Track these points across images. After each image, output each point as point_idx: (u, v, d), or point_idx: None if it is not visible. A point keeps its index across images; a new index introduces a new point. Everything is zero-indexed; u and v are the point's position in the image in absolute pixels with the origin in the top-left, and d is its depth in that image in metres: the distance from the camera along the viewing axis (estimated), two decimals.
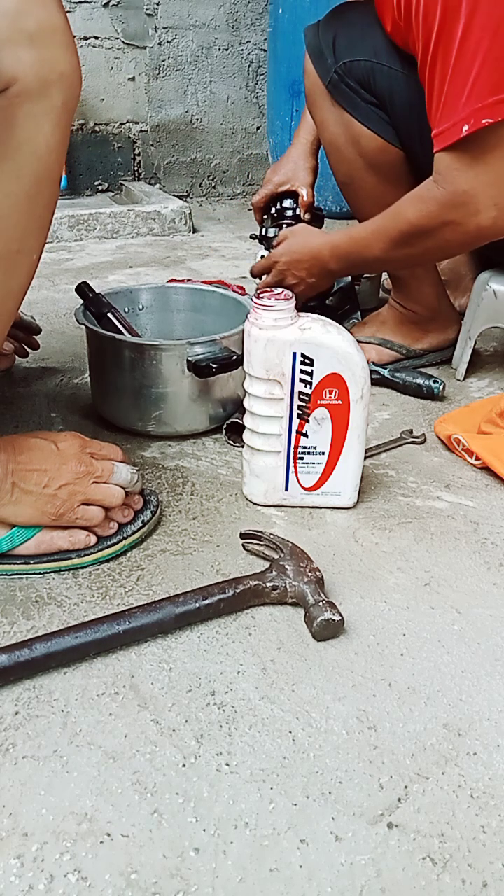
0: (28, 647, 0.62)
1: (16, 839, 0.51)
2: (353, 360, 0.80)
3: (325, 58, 1.13)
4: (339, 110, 1.14)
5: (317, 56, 1.14)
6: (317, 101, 1.17)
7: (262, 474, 0.87)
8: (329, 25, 1.14)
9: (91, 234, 2.24)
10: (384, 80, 1.08)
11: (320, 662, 0.66)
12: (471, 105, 0.90)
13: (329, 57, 1.12)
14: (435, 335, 1.28)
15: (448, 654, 0.67)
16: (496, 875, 0.49)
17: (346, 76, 1.11)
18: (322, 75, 1.14)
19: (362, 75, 1.10)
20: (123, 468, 0.78)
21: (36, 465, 0.72)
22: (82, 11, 2.60)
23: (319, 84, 1.15)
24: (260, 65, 2.88)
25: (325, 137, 1.20)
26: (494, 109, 0.89)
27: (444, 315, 1.28)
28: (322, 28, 1.14)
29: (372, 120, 1.11)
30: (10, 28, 0.56)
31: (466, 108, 0.90)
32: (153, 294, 1.19)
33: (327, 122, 1.17)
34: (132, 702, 0.61)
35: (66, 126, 0.63)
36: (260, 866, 0.49)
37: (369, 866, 0.49)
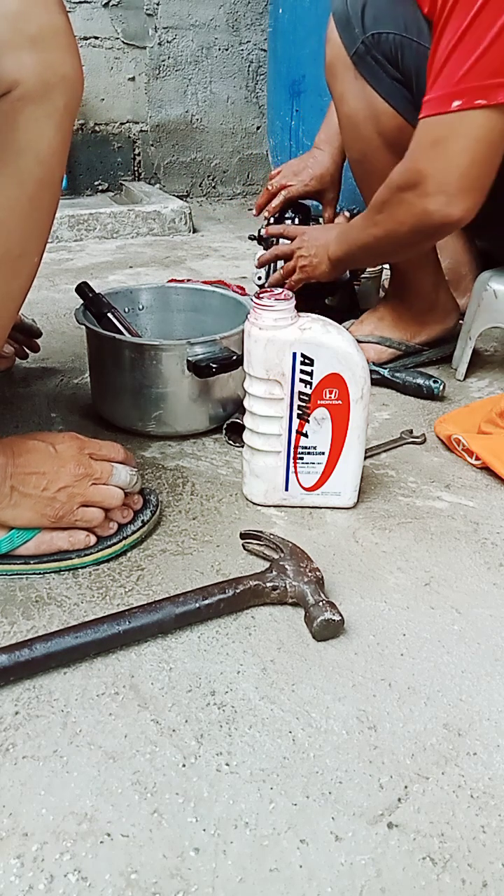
0: (28, 647, 0.63)
1: (16, 839, 0.51)
2: (353, 360, 0.80)
3: (353, 27, 1.06)
4: (361, 83, 1.09)
5: (344, 24, 1.08)
6: (338, 73, 1.12)
7: (262, 474, 0.87)
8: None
9: (91, 234, 2.25)
10: (412, 56, 1.04)
11: (320, 662, 0.66)
12: (469, 81, 0.87)
13: (357, 26, 1.06)
14: (433, 327, 1.26)
15: (448, 654, 0.67)
16: (496, 875, 0.49)
17: (374, 48, 1.06)
18: (348, 45, 1.08)
19: (390, 49, 1.05)
20: (122, 469, 0.78)
21: (34, 468, 0.72)
22: (82, 11, 2.60)
23: (343, 54, 1.09)
24: (260, 65, 2.88)
25: (343, 111, 1.15)
26: (491, 92, 0.87)
27: (443, 305, 1.26)
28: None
29: (395, 97, 1.07)
30: (12, 31, 0.56)
31: (463, 83, 0.88)
32: (153, 294, 1.19)
33: (347, 94, 1.12)
34: (132, 702, 0.61)
35: (67, 129, 0.63)
36: (260, 866, 0.49)
37: (369, 866, 0.50)
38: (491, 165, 0.94)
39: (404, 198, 0.99)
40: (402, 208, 1.00)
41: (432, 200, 0.95)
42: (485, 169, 0.94)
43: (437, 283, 1.25)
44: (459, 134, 0.91)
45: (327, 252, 1.20)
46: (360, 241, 1.11)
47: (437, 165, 0.94)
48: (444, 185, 0.94)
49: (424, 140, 0.94)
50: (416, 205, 0.97)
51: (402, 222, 1.01)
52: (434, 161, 0.94)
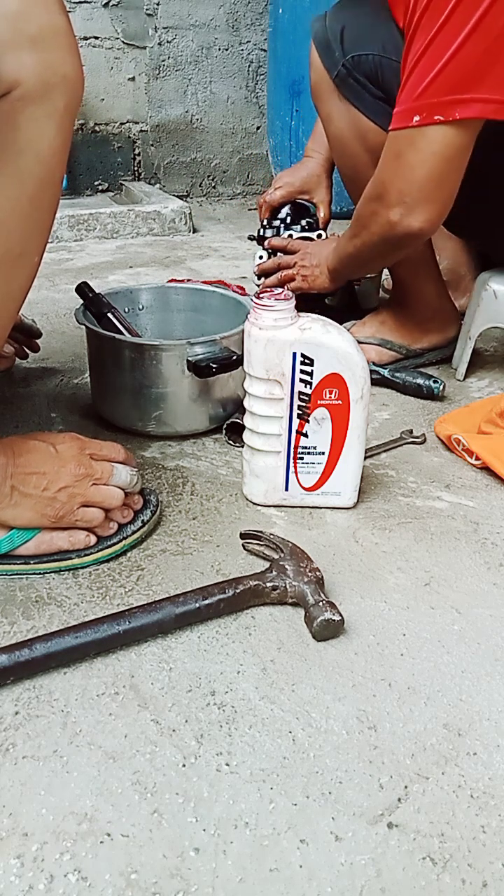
0: (28, 647, 0.63)
1: (16, 839, 0.51)
2: (353, 360, 0.80)
3: (333, 50, 1.10)
4: (346, 104, 1.12)
5: (324, 48, 1.12)
6: (323, 95, 1.16)
7: (262, 474, 0.87)
8: (337, 17, 1.12)
9: (91, 234, 2.25)
10: (392, 74, 1.05)
11: (320, 662, 0.66)
12: (428, 97, 0.89)
13: (337, 50, 1.10)
14: (435, 334, 1.27)
15: (448, 654, 0.67)
16: (496, 875, 0.49)
17: (354, 70, 1.09)
18: (329, 68, 1.12)
19: (370, 69, 1.08)
20: (123, 469, 0.78)
21: (35, 468, 0.72)
22: (82, 11, 2.60)
23: (326, 77, 1.13)
24: (260, 65, 2.88)
25: (331, 131, 1.19)
26: (447, 109, 0.89)
27: (444, 313, 1.28)
28: (329, 19, 1.12)
29: (380, 115, 1.09)
30: (12, 31, 0.56)
31: (423, 99, 0.90)
32: (153, 294, 1.19)
33: (333, 115, 1.16)
34: (132, 702, 0.61)
35: (68, 129, 0.63)
36: (260, 866, 0.49)
37: (369, 866, 0.50)
38: (449, 179, 0.96)
39: (373, 208, 1.02)
40: (372, 219, 1.03)
41: (394, 211, 0.98)
42: (443, 182, 0.96)
43: (439, 291, 1.26)
44: (418, 148, 0.93)
45: (327, 265, 1.23)
46: (346, 251, 1.15)
47: (398, 178, 0.97)
48: (403, 196, 0.97)
49: (388, 153, 0.97)
50: (382, 215, 1.00)
51: (373, 233, 1.05)
52: (395, 173, 0.97)
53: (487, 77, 0.88)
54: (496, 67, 0.87)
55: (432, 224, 0.99)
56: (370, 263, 1.18)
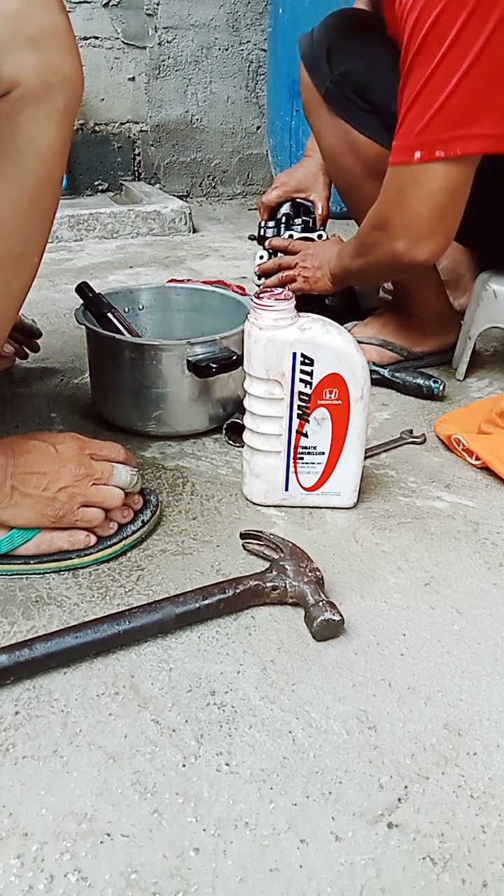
0: (28, 647, 0.63)
1: (16, 839, 0.51)
2: (353, 360, 0.80)
3: (320, 67, 1.12)
4: (336, 120, 1.14)
5: (312, 66, 1.14)
6: (314, 111, 1.18)
7: (262, 474, 0.87)
8: (323, 34, 1.13)
9: (91, 234, 2.25)
10: (380, 88, 1.08)
11: (320, 662, 0.66)
12: (428, 133, 0.91)
13: (324, 66, 1.12)
14: (436, 338, 1.28)
15: (448, 654, 0.67)
16: (496, 875, 0.49)
17: (343, 86, 1.11)
18: (318, 85, 1.14)
19: (358, 84, 1.10)
20: (123, 469, 0.78)
21: (35, 468, 0.72)
22: (82, 11, 2.60)
23: (316, 94, 1.15)
24: (260, 65, 2.88)
25: (324, 146, 1.21)
26: (448, 145, 0.90)
27: (445, 318, 1.28)
28: (316, 36, 1.14)
29: (370, 128, 1.11)
30: (12, 31, 0.56)
31: (423, 135, 0.91)
32: (153, 294, 1.19)
33: (325, 131, 1.18)
34: (132, 702, 0.61)
35: (68, 129, 0.63)
36: (260, 866, 0.49)
37: (369, 866, 0.50)
38: (452, 211, 0.98)
39: (377, 237, 1.04)
40: (376, 247, 1.05)
41: (399, 244, 1.00)
42: (446, 215, 0.98)
43: (440, 297, 1.27)
44: (421, 183, 0.94)
45: (329, 268, 1.23)
46: (350, 267, 1.16)
47: (402, 212, 0.98)
48: (408, 230, 0.98)
49: (390, 187, 0.99)
50: (386, 245, 1.02)
51: (378, 258, 1.07)
52: (398, 208, 0.98)
53: (486, 111, 0.89)
54: (494, 101, 0.89)
55: (437, 255, 1.01)
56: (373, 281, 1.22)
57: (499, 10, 0.84)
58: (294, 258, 1.30)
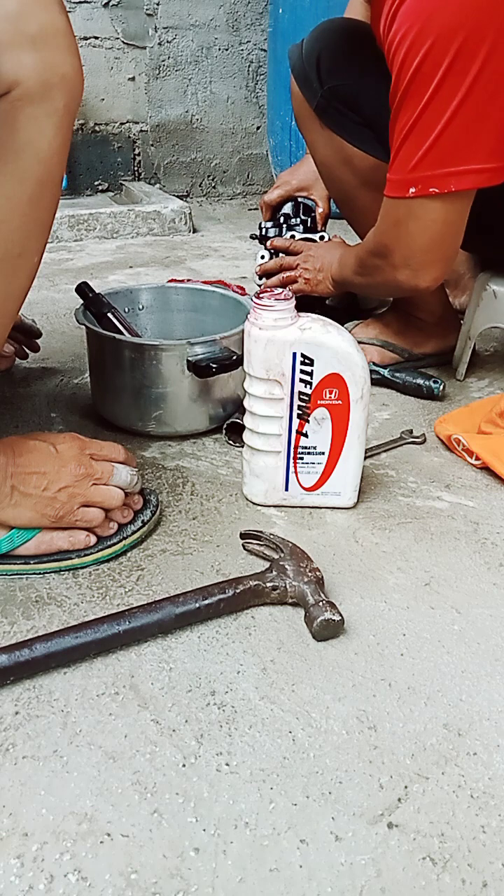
0: (28, 647, 0.63)
1: (16, 839, 0.51)
2: (353, 360, 0.80)
3: (311, 82, 1.13)
4: (328, 133, 1.15)
5: (302, 79, 1.15)
6: (306, 124, 1.19)
7: (262, 474, 0.87)
8: (312, 47, 1.14)
9: (91, 234, 2.25)
10: (370, 101, 1.08)
11: (320, 662, 0.66)
12: (422, 170, 0.91)
13: (314, 81, 1.13)
14: (437, 341, 1.28)
15: (448, 654, 0.67)
16: (496, 875, 0.49)
17: (333, 99, 1.12)
18: (309, 99, 1.15)
19: (348, 97, 1.11)
20: (123, 469, 0.78)
21: (35, 468, 0.72)
22: (82, 11, 2.60)
23: (307, 107, 1.16)
24: (260, 65, 2.88)
25: (317, 158, 1.22)
26: (443, 181, 0.91)
27: (446, 321, 1.29)
28: (305, 50, 1.14)
29: (362, 140, 1.12)
30: (12, 31, 0.56)
31: (417, 171, 0.92)
32: (153, 294, 1.19)
33: (318, 143, 1.19)
34: (132, 702, 0.61)
35: (67, 128, 0.63)
36: (260, 866, 0.49)
37: (369, 866, 0.50)
38: (451, 241, 0.99)
39: (378, 263, 1.05)
40: (377, 272, 1.07)
41: (400, 272, 1.02)
42: (445, 245, 0.99)
43: (442, 299, 1.28)
44: (418, 217, 0.96)
45: (331, 271, 1.24)
46: (352, 282, 1.18)
47: (400, 243, 1.00)
48: (408, 259, 1.00)
49: (388, 218, 1.00)
50: (387, 273, 1.04)
51: (379, 283, 1.09)
52: (397, 239, 1.00)
53: (478, 146, 0.90)
54: (487, 137, 0.89)
55: (438, 281, 1.03)
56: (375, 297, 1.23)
57: (484, 50, 0.85)
58: (296, 259, 1.30)
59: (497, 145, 0.90)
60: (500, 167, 0.91)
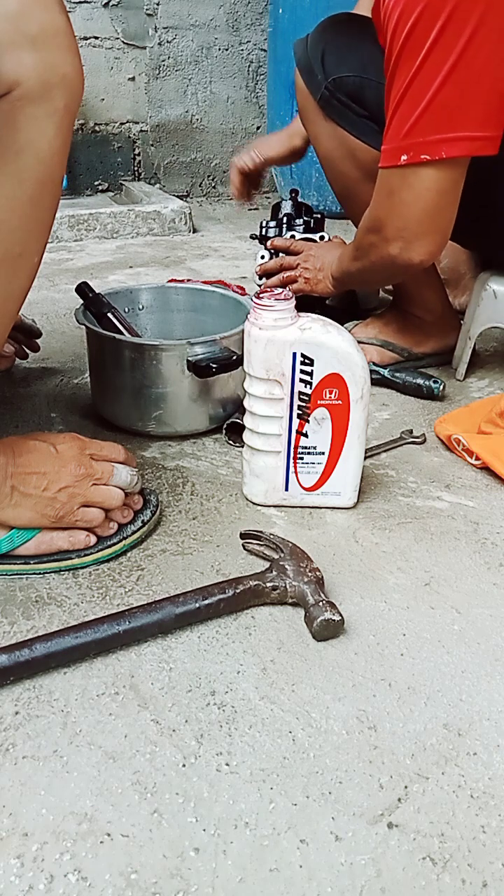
0: (28, 647, 0.63)
1: (16, 839, 0.51)
2: (353, 360, 0.80)
3: (315, 74, 1.13)
4: (332, 125, 1.15)
5: (306, 72, 1.15)
6: (309, 116, 1.19)
7: (262, 474, 0.87)
8: (317, 40, 1.14)
9: (91, 234, 2.25)
10: (373, 94, 1.07)
11: (320, 662, 0.66)
12: (413, 136, 0.90)
13: (319, 73, 1.13)
14: (437, 340, 1.28)
15: (448, 654, 0.67)
16: (496, 875, 0.49)
17: (337, 92, 1.11)
18: (313, 91, 1.15)
19: (352, 90, 1.11)
20: (123, 469, 0.78)
21: (35, 468, 0.72)
22: (82, 11, 2.60)
23: (311, 100, 1.16)
24: (260, 65, 2.88)
25: (320, 151, 1.22)
26: (433, 148, 0.90)
27: (446, 320, 1.29)
28: (311, 43, 1.14)
29: (366, 133, 1.12)
30: (12, 31, 0.56)
31: (409, 138, 0.91)
32: (153, 294, 1.19)
33: (321, 136, 1.18)
34: (132, 702, 0.61)
35: (68, 129, 0.63)
36: (260, 866, 0.49)
37: (369, 866, 0.50)
38: (445, 211, 0.97)
39: (372, 239, 1.04)
40: (371, 250, 1.05)
41: (393, 246, 1.00)
42: (439, 215, 0.97)
43: (442, 299, 1.28)
44: (410, 186, 0.94)
45: (330, 271, 1.23)
46: (349, 270, 1.16)
47: (393, 214, 0.98)
48: (401, 231, 0.98)
49: (382, 190, 0.99)
50: (381, 248, 1.02)
51: (372, 262, 1.07)
52: (390, 210, 0.98)
53: (471, 114, 0.88)
54: (479, 104, 0.88)
55: (432, 255, 1.01)
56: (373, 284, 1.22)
57: (477, 13, 0.84)
58: (296, 259, 1.30)
59: (491, 114, 0.89)
60: (493, 136, 0.90)
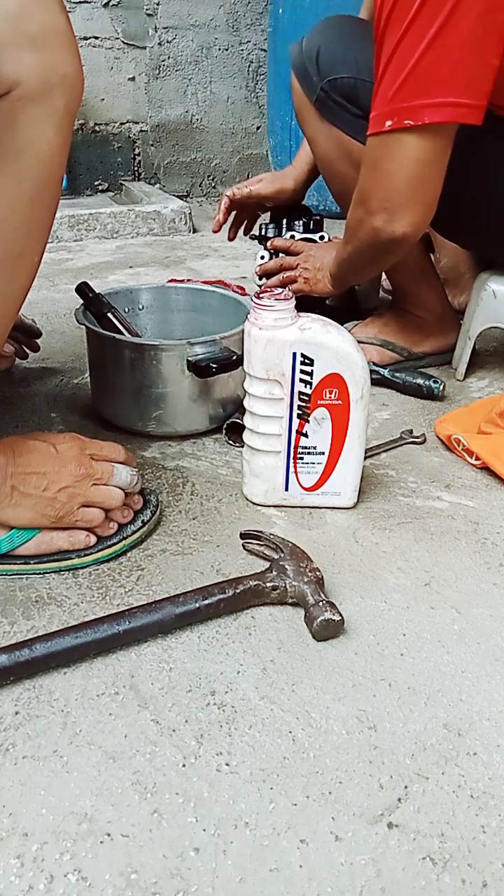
0: (28, 647, 0.63)
1: (16, 839, 0.51)
2: (353, 360, 0.80)
3: (310, 76, 1.14)
4: (328, 126, 1.15)
5: (302, 74, 1.15)
6: (306, 118, 1.19)
7: (262, 474, 0.87)
8: (312, 42, 1.14)
9: (91, 234, 2.25)
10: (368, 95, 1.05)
11: (320, 662, 0.66)
12: (397, 101, 0.89)
13: (314, 75, 1.13)
14: (436, 339, 1.28)
15: (448, 654, 0.67)
16: (496, 875, 0.49)
17: (332, 92, 1.12)
18: (308, 93, 1.15)
19: (347, 91, 1.11)
20: (123, 469, 0.78)
21: (35, 468, 0.72)
22: (82, 11, 2.60)
23: (307, 101, 1.16)
24: (260, 65, 2.88)
25: (317, 153, 1.22)
26: (417, 112, 0.88)
27: (446, 319, 1.29)
28: (305, 45, 1.15)
29: (361, 133, 1.10)
30: (12, 31, 0.56)
31: (393, 103, 0.89)
32: (153, 294, 1.19)
33: (318, 137, 1.19)
34: (132, 702, 0.61)
35: (68, 128, 0.63)
36: (260, 866, 0.49)
37: (369, 866, 0.50)
38: (429, 182, 0.95)
39: (358, 216, 1.02)
40: (359, 227, 1.03)
41: (377, 218, 0.98)
42: (422, 186, 0.95)
43: (440, 298, 1.27)
44: (393, 154, 0.93)
45: (329, 269, 1.23)
46: (341, 257, 1.15)
47: (377, 185, 0.97)
48: (384, 202, 0.97)
49: (367, 160, 0.98)
50: (367, 222, 1.00)
51: (361, 239, 1.05)
52: (374, 180, 0.97)
53: (455, 80, 0.87)
54: (464, 71, 0.87)
55: (416, 228, 0.99)
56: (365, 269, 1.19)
57: None
58: (295, 259, 1.30)
59: (476, 82, 0.87)
60: (477, 105, 0.88)
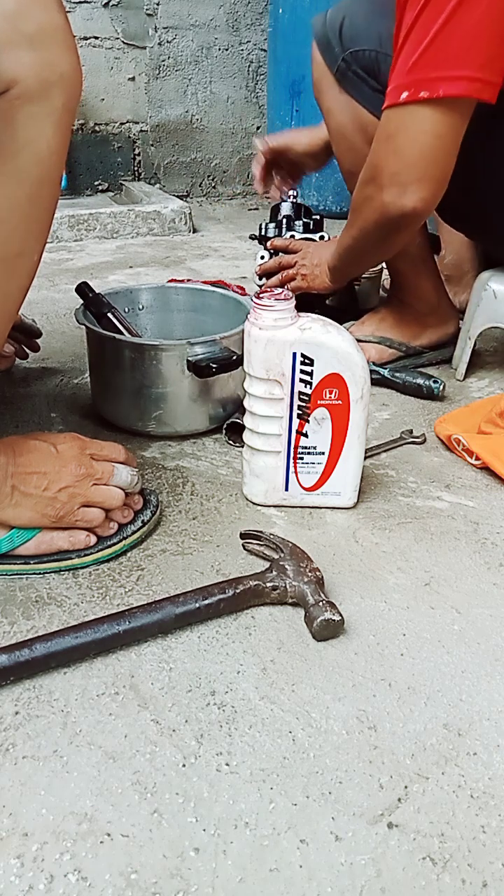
0: (28, 647, 0.62)
1: (16, 839, 0.51)
2: (353, 360, 0.80)
3: (333, 46, 1.13)
4: (346, 98, 1.14)
5: (324, 45, 1.14)
6: (324, 89, 1.18)
7: (262, 474, 0.87)
8: (337, 13, 1.14)
9: (91, 234, 2.25)
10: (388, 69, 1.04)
11: (320, 662, 0.66)
12: (415, 73, 0.89)
13: (336, 46, 1.12)
14: (434, 330, 1.28)
15: (448, 654, 0.67)
16: (496, 875, 0.49)
17: (353, 64, 1.11)
18: (329, 64, 1.14)
19: (368, 63, 1.10)
20: (123, 469, 0.78)
21: (35, 468, 0.72)
22: (82, 11, 2.60)
23: (327, 72, 1.15)
24: (260, 65, 2.88)
25: (332, 125, 1.21)
26: (433, 84, 0.88)
27: (443, 310, 1.28)
28: (329, 17, 1.14)
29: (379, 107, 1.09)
30: (10, 30, 0.56)
31: (411, 75, 0.89)
32: (153, 294, 1.19)
33: (334, 109, 1.18)
34: (132, 702, 0.61)
35: (67, 127, 0.63)
36: (260, 866, 0.49)
37: (369, 866, 0.49)
38: (442, 157, 0.95)
39: (367, 192, 1.01)
40: (366, 204, 1.02)
41: (387, 192, 0.97)
42: (435, 160, 0.95)
43: (437, 287, 1.27)
44: (408, 126, 0.93)
45: (327, 263, 1.23)
46: (343, 244, 1.15)
47: (390, 158, 0.96)
48: (395, 176, 0.96)
49: (381, 134, 0.97)
50: (376, 199, 0.99)
51: (367, 219, 1.04)
52: (387, 154, 0.96)
53: (472, 55, 0.87)
54: (481, 47, 0.86)
55: (426, 204, 0.98)
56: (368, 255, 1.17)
57: None
58: (294, 257, 1.30)
59: (493, 58, 0.87)
60: (493, 81, 0.88)
